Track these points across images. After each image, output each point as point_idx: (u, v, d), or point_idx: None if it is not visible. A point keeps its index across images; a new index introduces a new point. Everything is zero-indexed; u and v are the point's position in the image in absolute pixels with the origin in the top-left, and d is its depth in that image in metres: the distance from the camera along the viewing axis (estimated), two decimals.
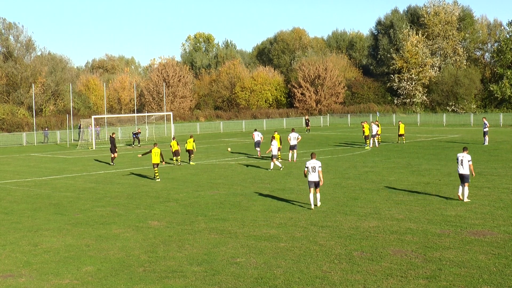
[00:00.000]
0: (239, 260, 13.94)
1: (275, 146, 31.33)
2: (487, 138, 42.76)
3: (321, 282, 12.18)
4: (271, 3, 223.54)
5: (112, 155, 36.38)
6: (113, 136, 37.71)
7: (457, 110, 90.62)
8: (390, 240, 15.37)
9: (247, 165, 33.36)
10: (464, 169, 20.21)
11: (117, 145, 37.94)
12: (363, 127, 43.13)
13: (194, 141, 36.13)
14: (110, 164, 36.27)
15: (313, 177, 19.71)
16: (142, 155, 31.57)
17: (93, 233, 17.32)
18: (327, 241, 15.42)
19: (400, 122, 46.23)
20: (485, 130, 42.96)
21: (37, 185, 28.31)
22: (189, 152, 35.54)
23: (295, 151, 35.01)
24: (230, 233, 16.77)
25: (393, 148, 41.84)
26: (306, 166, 19.93)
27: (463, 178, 20.32)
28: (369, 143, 42.65)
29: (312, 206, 19.85)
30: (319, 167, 19.72)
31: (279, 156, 35.01)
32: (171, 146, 35.42)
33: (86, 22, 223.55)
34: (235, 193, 23.69)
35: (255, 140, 38.67)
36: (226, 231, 16.96)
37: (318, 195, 20.13)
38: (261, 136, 39.33)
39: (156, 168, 29.05)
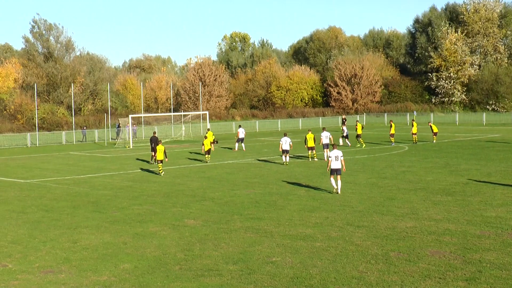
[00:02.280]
0: (274, 259, 13.92)
1: (284, 143, 33.56)
2: None
3: (358, 283, 12.08)
4: (307, 2, 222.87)
5: (153, 154, 36.72)
6: (155, 135, 38.00)
7: (497, 109, 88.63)
8: (428, 241, 15.14)
9: (283, 164, 33.29)
10: None
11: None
12: (391, 126, 44.17)
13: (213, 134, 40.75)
14: (150, 163, 36.68)
15: (336, 165, 22.24)
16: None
17: (130, 231, 17.53)
18: (364, 241, 15.28)
19: (413, 121, 47.01)
20: None
21: (76, 183, 28.82)
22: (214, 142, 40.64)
23: (328, 150, 34.97)
24: (265, 232, 16.76)
25: (431, 147, 41.22)
26: (330, 156, 22.57)
27: None
28: (362, 142, 43.42)
29: (334, 190, 22.39)
30: (341, 156, 22.39)
31: (315, 155, 35.17)
32: (203, 145, 36.15)
33: (123, 22, 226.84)
34: (271, 192, 23.68)
35: (240, 137, 43.40)
36: (262, 230, 16.96)
37: (339, 182, 22.35)
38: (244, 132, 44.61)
39: (160, 164, 30.65)
